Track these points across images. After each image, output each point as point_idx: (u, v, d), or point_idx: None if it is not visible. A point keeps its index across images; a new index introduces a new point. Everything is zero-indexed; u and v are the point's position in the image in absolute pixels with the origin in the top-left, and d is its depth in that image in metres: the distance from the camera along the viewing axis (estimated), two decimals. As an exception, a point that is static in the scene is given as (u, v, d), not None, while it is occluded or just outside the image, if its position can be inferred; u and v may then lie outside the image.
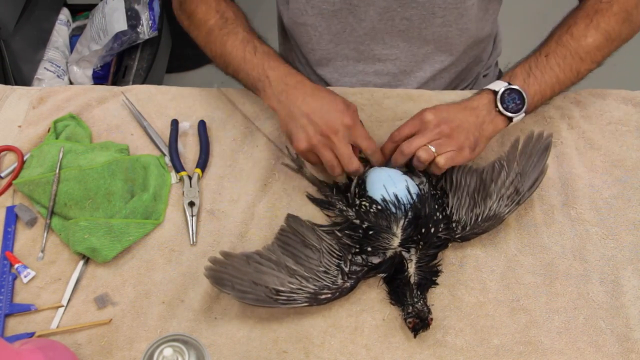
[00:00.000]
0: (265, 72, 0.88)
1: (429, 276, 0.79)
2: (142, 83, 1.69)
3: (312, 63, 1.09)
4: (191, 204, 0.88)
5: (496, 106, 0.84)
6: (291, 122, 0.85)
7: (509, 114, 0.84)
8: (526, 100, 0.85)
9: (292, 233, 0.81)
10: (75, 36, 1.88)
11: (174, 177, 0.92)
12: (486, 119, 0.84)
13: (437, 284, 0.79)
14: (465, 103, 0.86)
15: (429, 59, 1.04)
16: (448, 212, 0.83)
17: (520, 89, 0.85)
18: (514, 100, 0.85)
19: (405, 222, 0.81)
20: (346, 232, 0.81)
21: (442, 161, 0.81)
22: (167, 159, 0.94)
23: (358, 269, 0.78)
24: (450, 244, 0.83)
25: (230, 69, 0.94)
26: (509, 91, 0.85)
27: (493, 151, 0.94)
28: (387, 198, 0.82)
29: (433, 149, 0.81)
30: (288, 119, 0.85)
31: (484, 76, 1.19)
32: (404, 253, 0.79)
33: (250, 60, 0.90)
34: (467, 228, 0.82)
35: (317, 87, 0.88)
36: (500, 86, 0.85)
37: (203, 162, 0.93)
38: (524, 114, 0.85)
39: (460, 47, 1.03)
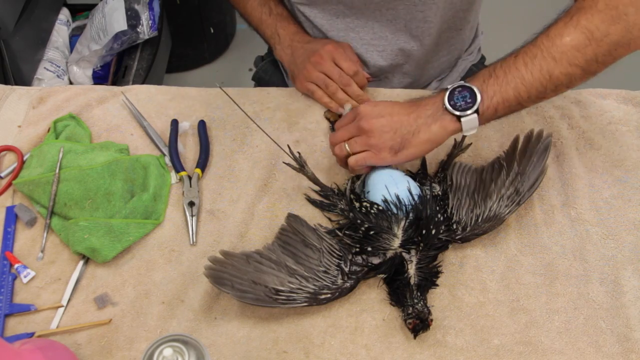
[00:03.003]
0: (277, 31, 1.05)
1: (429, 277, 0.79)
2: (142, 83, 1.69)
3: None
4: (191, 204, 0.88)
5: (444, 104, 0.78)
6: (295, 68, 1.00)
7: (457, 112, 0.77)
8: (478, 98, 0.77)
9: (292, 232, 0.81)
10: (75, 36, 1.88)
11: (174, 177, 0.92)
12: (429, 120, 0.79)
13: (437, 285, 0.79)
14: (415, 99, 0.82)
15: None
16: (448, 213, 0.83)
17: (472, 86, 0.78)
18: (464, 98, 0.77)
19: (406, 223, 0.81)
20: (347, 232, 0.81)
21: (352, 161, 0.83)
22: (167, 159, 0.94)
23: (358, 269, 0.78)
24: (450, 245, 0.83)
25: (252, 26, 1.10)
26: (461, 88, 0.78)
27: (493, 151, 0.94)
28: (389, 198, 0.82)
29: (347, 147, 0.83)
30: (292, 67, 1.00)
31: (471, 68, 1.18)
32: (404, 254, 0.79)
33: (265, 21, 1.06)
34: (468, 229, 0.82)
35: (316, 39, 1.02)
36: (455, 84, 0.79)
37: (203, 162, 0.93)
38: (476, 115, 0.77)
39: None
